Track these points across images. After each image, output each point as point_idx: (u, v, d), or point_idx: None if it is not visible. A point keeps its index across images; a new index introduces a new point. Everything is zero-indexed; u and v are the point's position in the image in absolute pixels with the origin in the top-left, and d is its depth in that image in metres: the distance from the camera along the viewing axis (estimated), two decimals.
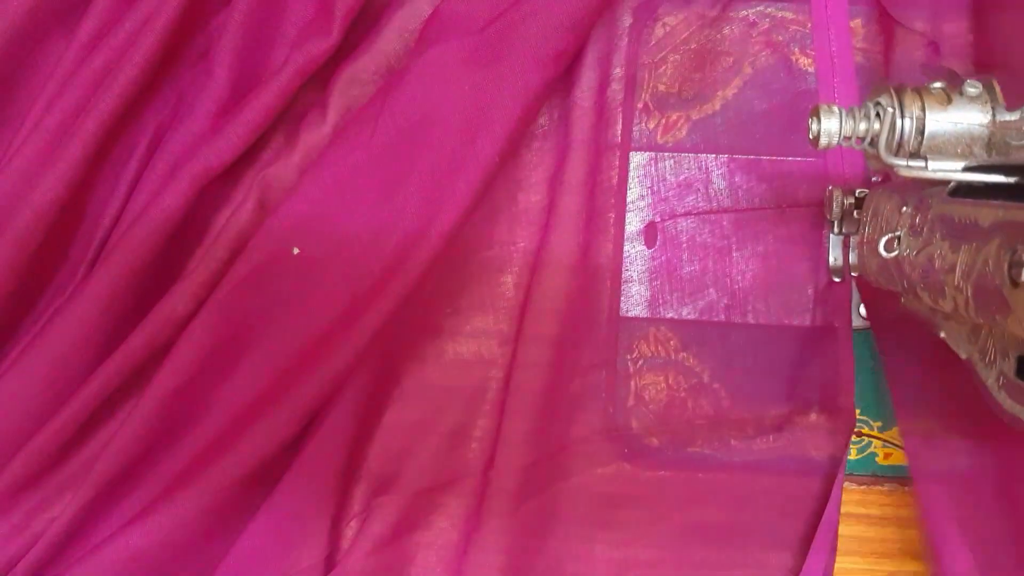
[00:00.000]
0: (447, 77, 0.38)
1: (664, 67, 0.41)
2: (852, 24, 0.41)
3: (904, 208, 0.30)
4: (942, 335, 0.28)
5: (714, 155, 0.42)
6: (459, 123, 0.37)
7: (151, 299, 0.38)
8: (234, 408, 0.37)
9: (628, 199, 0.42)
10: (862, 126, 0.29)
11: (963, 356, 0.27)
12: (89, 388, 0.37)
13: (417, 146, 0.38)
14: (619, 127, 0.42)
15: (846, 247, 0.37)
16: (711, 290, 0.42)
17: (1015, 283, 0.22)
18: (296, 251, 0.37)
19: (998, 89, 0.29)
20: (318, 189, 0.38)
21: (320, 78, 0.41)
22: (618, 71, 0.42)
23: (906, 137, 0.29)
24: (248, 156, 0.39)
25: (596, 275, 0.42)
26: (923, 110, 0.28)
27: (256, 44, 0.39)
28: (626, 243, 0.42)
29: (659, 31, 0.42)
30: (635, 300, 0.43)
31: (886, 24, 0.41)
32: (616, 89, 0.42)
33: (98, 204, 0.39)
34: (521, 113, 0.38)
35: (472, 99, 0.37)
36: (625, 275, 0.43)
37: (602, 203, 0.42)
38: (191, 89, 0.40)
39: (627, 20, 0.42)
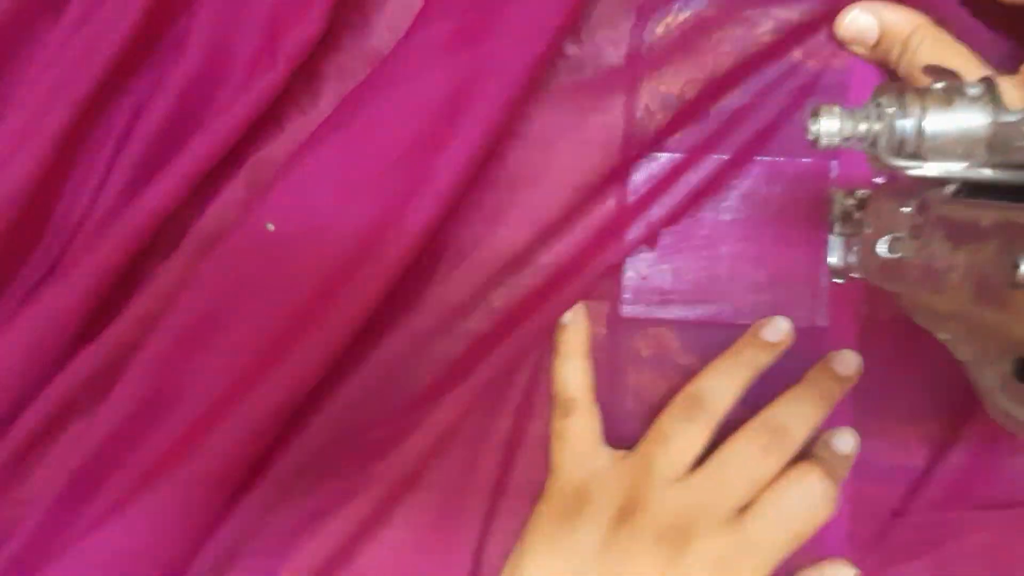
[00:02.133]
0: (428, 61, 0.37)
1: (665, 67, 0.41)
2: None
3: (905, 209, 0.30)
4: (941, 336, 0.28)
5: (715, 155, 0.42)
6: (440, 107, 0.37)
7: (135, 285, 0.38)
8: (214, 390, 0.37)
9: (628, 200, 0.42)
10: (862, 126, 0.29)
11: (962, 357, 0.27)
12: (68, 373, 0.36)
13: (397, 131, 0.37)
14: (619, 128, 0.42)
15: (847, 248, 0.37)
16: (712, 291, 0.42)
17: (1015, 284, 0.22)
18: (271, 227, 0.37)
19: (1000, 90, 0.29)
20: (299, 176, 0.37)
21: (310, 69, 0.41)
22: (618, 72, 0.42)
23: (907, 138, 0.28)
24: (238, 145, 0.39)
25: (596, 276, 0.42)
26: (924, 111, 0.28)
27: (230, 24, 0.39)
28: (626, 244, 0.42)
29: (660, 31, 0.42)
30: (635, 301, 0.43)
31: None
32: (615, 90, 0.42)
33: (76, 185, 0.39)
34: (504, 93, 0.37)
35: (453, 83, 0.37)
36: (625, 276, 0.43)
37: (602, 204, 0.42)
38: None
39: (628, 20, 0.42)
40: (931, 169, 0.28)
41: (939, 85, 0.29)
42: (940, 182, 0.28)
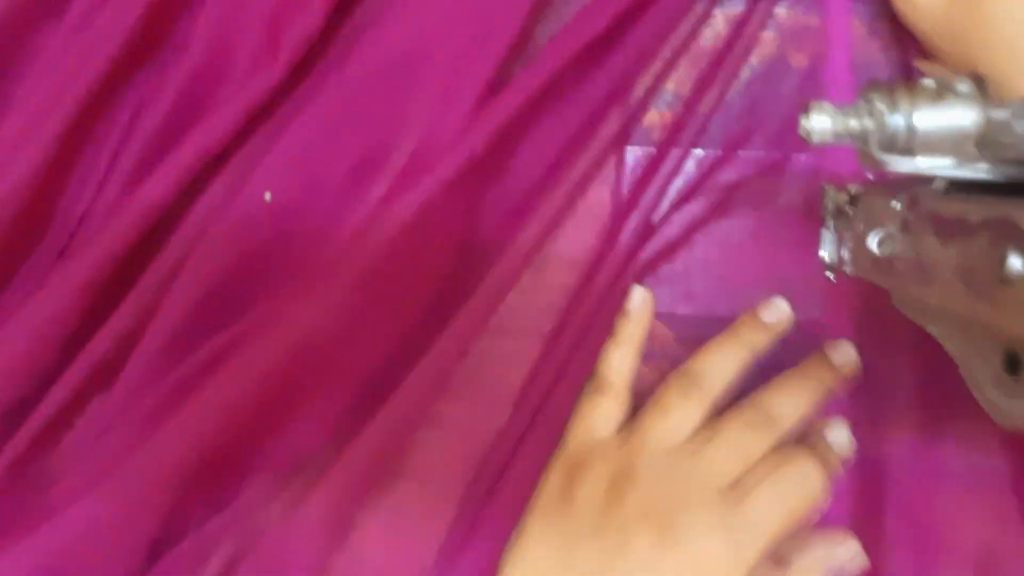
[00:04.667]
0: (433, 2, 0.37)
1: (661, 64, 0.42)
2: (853, 22, 0.41)
3: (895, 205, 0.30)
4: (932, 330, 0.28)
5: (711, 152, 0.42)
6: (454, 52, 0.37)
7: (137, 275, 0.38)
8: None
9: (624, 197, 0.43)
10: (853, 123, 0.30)
11: (952, 351, 0.27)
12: (77, 362, 0.37)
13: (400, 85, 0.37)
14: (616, 124, 0.42)
15: (839, 243, 0.37)
16: (708, 287, 0.43)
17: (1004, 280, 0.22)
18: (268, 196, 0.36)
19: (989, 87, 0.29)
20: (280, 150, 0.37)
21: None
22: (615, 69, 0.42)
23: (897, 134, 0.29)
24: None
25: (593, 273, 0.42)
26: (914, 107, 0.28)
27: (231, 22, 0.39)
28: (623, 241, 0.42)
29: None
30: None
31: (886, 22, 0.41)
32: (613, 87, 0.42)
33: (79, 180, 0.39)
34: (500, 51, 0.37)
35: (469, 22, 0.37)
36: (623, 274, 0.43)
37: (598, 201, 0.42)
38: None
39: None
40: (921, 165, 0.28)
41: (929, 81, 0.29)
42: (930, 178, 0.28)
